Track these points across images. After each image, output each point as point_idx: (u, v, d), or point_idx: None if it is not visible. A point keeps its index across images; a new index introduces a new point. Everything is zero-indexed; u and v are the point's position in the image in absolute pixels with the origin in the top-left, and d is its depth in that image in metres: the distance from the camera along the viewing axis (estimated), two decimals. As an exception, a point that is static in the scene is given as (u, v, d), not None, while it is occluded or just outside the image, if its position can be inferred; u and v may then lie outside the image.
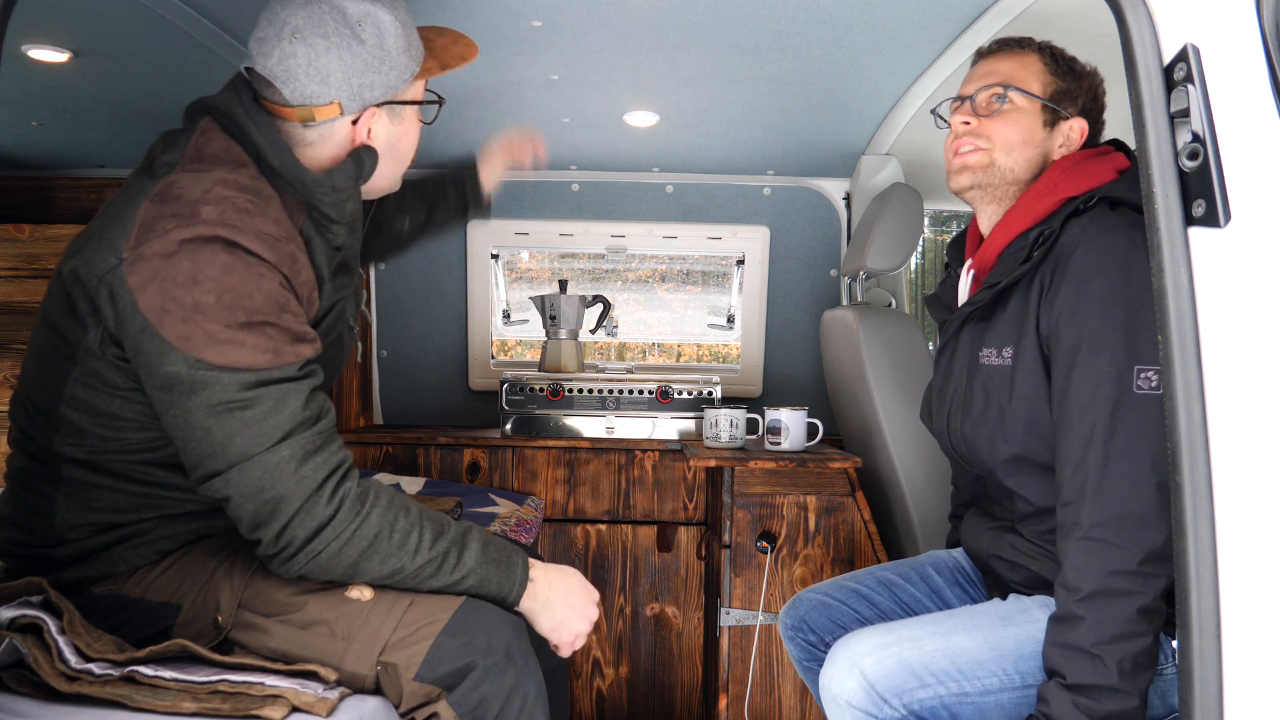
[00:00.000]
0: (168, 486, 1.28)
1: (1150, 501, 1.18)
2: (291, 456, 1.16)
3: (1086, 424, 1.23)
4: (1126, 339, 1.22)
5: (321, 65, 1.26)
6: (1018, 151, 1.43)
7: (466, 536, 1.28)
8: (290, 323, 1.19)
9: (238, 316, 1.14)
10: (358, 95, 1.30)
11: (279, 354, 1.17)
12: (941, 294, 1.60)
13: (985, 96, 1.45)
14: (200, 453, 1.16)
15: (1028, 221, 1.39)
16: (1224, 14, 1.00)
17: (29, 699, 1.12)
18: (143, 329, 1.14)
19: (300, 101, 1.28)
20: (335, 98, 1.28)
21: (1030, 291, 1.34)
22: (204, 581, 1.28)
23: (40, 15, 1.61)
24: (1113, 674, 1.15)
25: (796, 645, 1.61)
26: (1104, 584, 1.17)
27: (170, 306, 1.13)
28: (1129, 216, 1.29)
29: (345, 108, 1.30)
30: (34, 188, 2.79)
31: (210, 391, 1.13)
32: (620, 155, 2.63)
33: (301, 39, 1.25)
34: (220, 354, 1.13)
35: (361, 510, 1.20)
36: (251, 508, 1.17)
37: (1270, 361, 0.96)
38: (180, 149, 1.26)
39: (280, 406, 1.16)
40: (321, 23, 1.26)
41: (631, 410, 2.67)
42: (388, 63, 1.30)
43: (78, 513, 1.26)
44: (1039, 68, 1.44)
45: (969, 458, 1.46)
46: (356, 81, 1.29)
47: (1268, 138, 0.97)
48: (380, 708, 1.19)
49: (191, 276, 1.13)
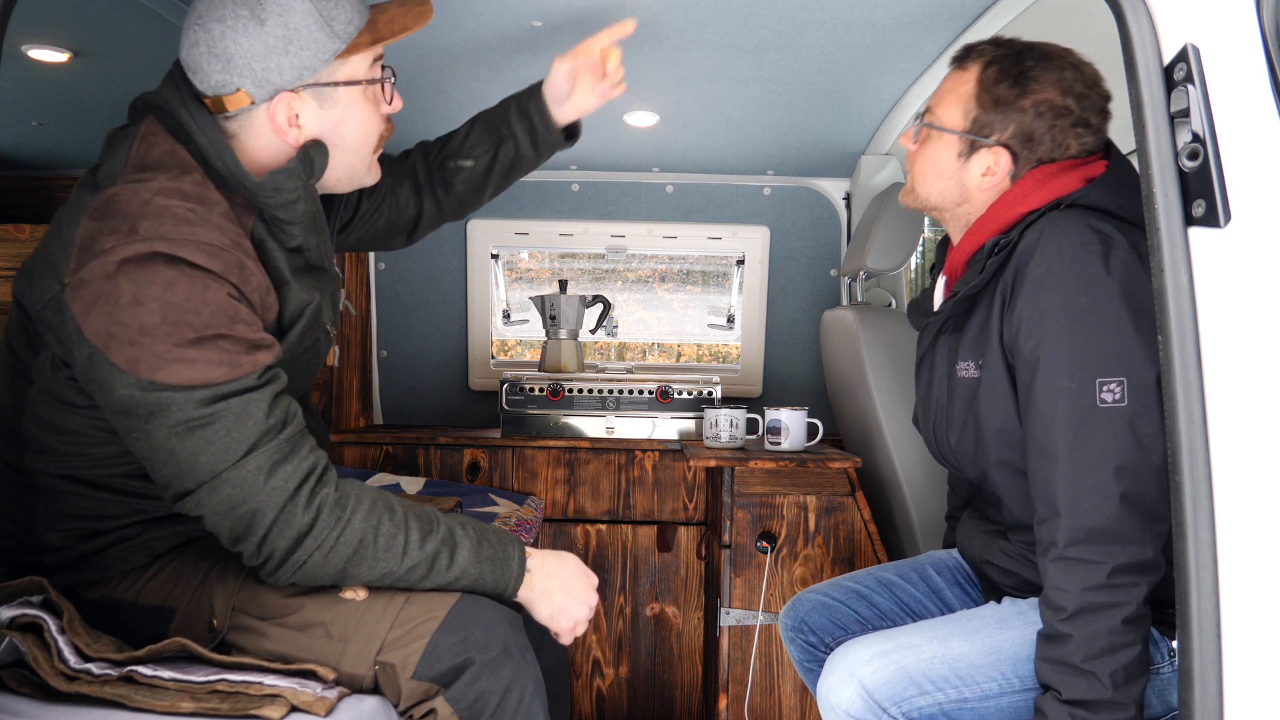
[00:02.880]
0: (147, 494, 1.27)
1: (1117, 514, 1.16)
2: (259, 469, 1.13)
3: (1050, 441, 1.21)
4: (1084, 351, 1.20)
5: (220, 51, 1.19)
6: (931, 183, 1.43)
7: (456, 534, 1.25)
8: (244, 332, 1.15)
9: (185, 334, 1.10)
10: (263, 80, 1.21)
11: (235, 366, 1.13)
12: (921, 300, 1.59)
13: (914, 125, 1.46)
14: (168, 473, 1.14)
15: (992, 231, 1.37)
16: (1224, 14, 0.99)
17: (28, 698, 1.12)
18: (90, 355, 1.11)
19: (211, 91, 1.22)
20: (240, 85, 1.21)
21: (994, 302, 1.33)
22: (197, 585, 1.27)
23: (40, 15, 1.61)
24: (1107, 688, 1.15)
25: (796, 646, 1.60)
26: (1085, 601, 1.17)
27: (115, 330, 1.09)
28: (1086, 217, 1.25)
29: (254, 95, 1.22)
30: (34, 188, 2.79)
31: (168, 413, 1.10)
32: (620, 155, 2.63)
33: (202, 25, 1.20)
34: (172, 374, 1.09)
35: (343, 515, 1.18)
36: (228, 524, 1.15)
37: (1270, 361, 0.96)
38: (122, 156, 1.21)
39: (243, 419, 1.13)
40: (220, 6, 1.19)
41: (631, 410, 2.67)
42: (296, 43, 1.21)
43: (60, 520, 1.25)
44: (969, 90, 1.37)
45: (955, 465, 1.46)
46: (259, 66, 1.20)
47: (1268, 138, 0.97)
48: (379, 707, 1.19)
49: (134, 297, 1.09)
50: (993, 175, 1.38)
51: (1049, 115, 1.33)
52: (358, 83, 1.28)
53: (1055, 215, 1.28)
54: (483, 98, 2.08)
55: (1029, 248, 1.27)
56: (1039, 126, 1.34)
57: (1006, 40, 1.40)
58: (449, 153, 1.66)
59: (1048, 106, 1.33)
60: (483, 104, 1.69)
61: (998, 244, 1.33)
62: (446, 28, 1.69)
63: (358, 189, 1.44)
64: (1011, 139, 1.36)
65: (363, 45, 1.27)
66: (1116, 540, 1.16)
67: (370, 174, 1.39)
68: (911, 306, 1.61)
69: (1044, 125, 1.34)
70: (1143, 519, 1.16)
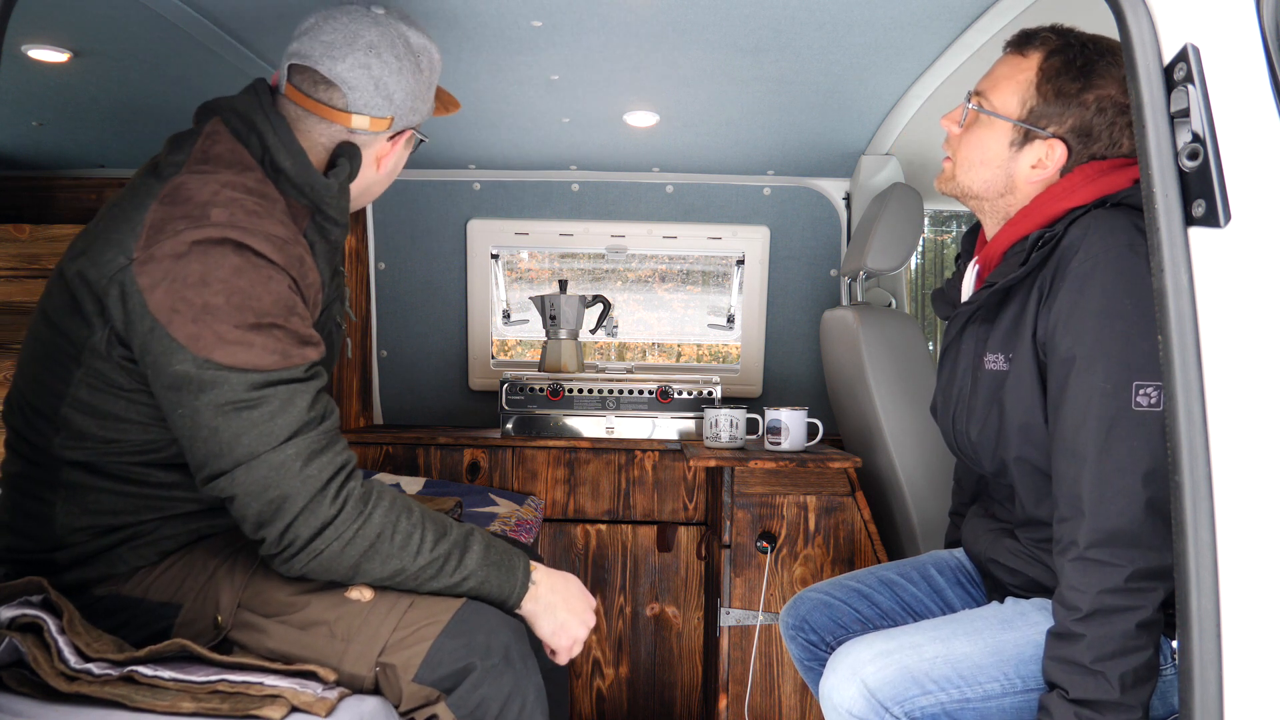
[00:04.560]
0: (167, 486, 1.29)
1: (1141, 519, 1.16)
2: (297, 456, 1.17)
3: (1081, 441, 1.20)
4: (1124, 353, 1.18)
5: (389, 83, 1.35)
6: (975, 170, 1.40)
7: (469, 539, 1.28)
8: (297, 325, 1.21)
9: (247, 318, 1.15)
10: (406, 117, 1.41)
11: (287, 356, 1.18)
12: (947, 289, 1.57)
13: (960, 107, 1.42)
14: (206, 452, 1.17)
15: (1035, 224, 1.35)
16: (1224, 14, 0.99)
17: (29, 699, 1.12)
18: (151, 329, 1.15)
19: (360, 110, 1.35)
20: (393, 114, 1.38)
21: (1030, 296, 1.31)
22: (204, 581, 1.28)
23: (40, 15, 1.61)
24: (1115, 689, 1.15)
25: (798, 645, 1.60)
26: (1101, 603, 1.16)
27: (180, 307, 1.14)
28: (1132, 217, 1.24)
29: (395, 125, 1.39)
30: (34, 188, 2.79)
31: (218, 391, 1.14)
32: (620, 155, 2.63)
33: (378, 54, 1.34)
34: (229, 354, 1.14)
35: (364, 510, 1.20)
36: (257, 506, 1.17)
37: (1270, 361, 0.96)
38: (186, 151, 1.27)
39: (287, 407, 1.17)
40: (394, 45, 1.35)
41: (631, 410, 2.67)
42: (428, 95, 1.44)
43: (77, 516, 1.26)
44: (1028, 78, 1.34)
45: (972, 457, 1.45)
46: (409, 105, 1.39)
47: (1268, 138, 0.97)
48: (379, 708, 1.19)
49: (201, 277, 1.14)
50: (1043, 169, 1.35)
51: (1110, 111, 1.32)
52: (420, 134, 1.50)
53: (1102, 213, 1.26)
54: (483, 97, 2.09)
55: (1073, 244, 1.25)
56: (1099, 122, 1.32)
57: (1067, 29, 1.36)
58: None
59: (1110, 102, 1.31)
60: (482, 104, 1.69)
61: (1042, 237, 1.31)
62: (446, 27, 1.69)
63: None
64: (1069, 133, 1.33)
65: (436, 110, 1.53)
66: (1138, 545, 1.16)
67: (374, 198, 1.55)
68: (936, 295, 1.60)
69: (1104, 121, 1.32)
70: (1165, 525, 1.14)
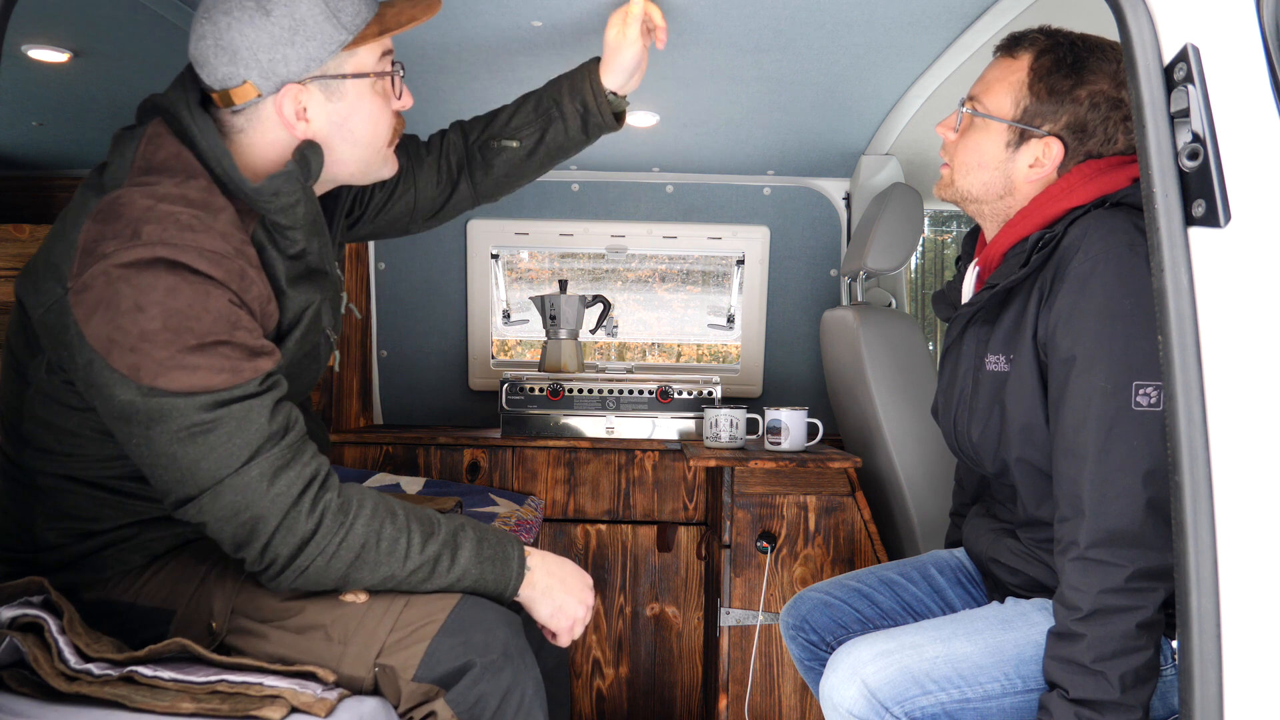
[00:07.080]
0: (144, 496, 1.26)
1: (1141, 518, 1.16)
2: (262, 475, 1.13)
3: (1081, 441, 1.20)
4: (1124, 353, 1.19)
5: (227, 42, 1.19)
6: (974, 173, 1.40)
7: (459, 536, 1.26)
8: (245, 338, 1.15)
9: (187, 340, 1.10)
10: (270, 72, 1.21)
11: (236, 372, 1.13)
12: (947, 291, 1.58)
13: (955, 113, 1.43)
14: (169, 480, 1.13)
15: (1035, 225, 1.35)
16: (1224, 14, 0.99)
17: (29, 699, 1.12)
18: (90, 361, 1.10)
19: (219, 85, 1.22)
20: (246, 77, 1.21)
21: (1030, 297, 1.32)
22: (195, 586, 1.27)
23: (40, 15, 1.61)
24: (1115, 689, 1.15)
25: (798, 645, 1.60)
26: (1102, 603, 1.16)
27: (116, 336, 1.09)
28: (1132, 217, 1.25)
29: (260, 87, 1.22)
30: (34, 188, 2.79)
31: (170, 419, 1.10)
32: (620, 155, 2.63)
33: (208, 18, 1.20)
34: (173, 380, 1.09)
35: (345, 521, 1.17)
36: (230, 530, 1.14)
37: (1270, 361, 0.96)
38: (129, 158, 1.20)
39: (244, 425, 1.12)
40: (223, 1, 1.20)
41: (631, 410, 2.67)
42: (302, 34, 1.21)
43: (57, 520, 1.24)
44: (1020, 78, 1.35)
45: (974, 458, 1.46)
46: (265, 57, 1.20)
47: (1268, 138, 0.97)
48: (379, 708, 1.19)
49: (135, 303, 1.09)
50: (1040, 167, 1.36)
51: (1104, 106, 1.33)
52: (365, 75, 1.28)
53: (1101, 213, 1.26)
54: (483, 98, 2.08)
55: (1073, 244, 1.25)
56: (1092, 118, 1.33)
57: (1055, 29, 1.38)
58: (493, 133, 1.62)
59: (1103, 97, 1.32)
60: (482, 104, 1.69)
61: (1042, 238, 1.31)
62: (446, 27, 1.69)
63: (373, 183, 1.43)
64: (1063, 130, 1.34)
65: (370, 37, 1.26)
66: (1138, 545, 1.16)
67: (386, 167, 1.38)
68: (936, 297, 1.60)
69: (1097, 117, 1.33)
70: (1165, 525, 1.14)
